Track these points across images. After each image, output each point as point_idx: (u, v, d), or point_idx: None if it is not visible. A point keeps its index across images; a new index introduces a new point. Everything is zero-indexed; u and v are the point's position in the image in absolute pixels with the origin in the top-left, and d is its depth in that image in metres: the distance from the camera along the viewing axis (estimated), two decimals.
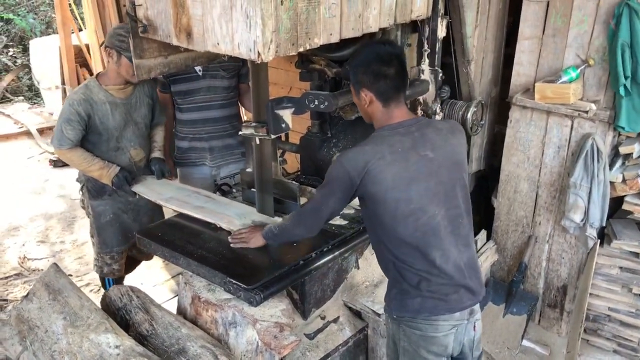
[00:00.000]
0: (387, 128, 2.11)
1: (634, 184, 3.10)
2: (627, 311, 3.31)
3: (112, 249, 3.34)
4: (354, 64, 2.13)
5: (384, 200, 2.02)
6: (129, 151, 3.18)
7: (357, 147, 2.12)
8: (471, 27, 3.14)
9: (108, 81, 3.06)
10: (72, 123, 2.97)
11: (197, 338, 2.37)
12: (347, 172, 2.03)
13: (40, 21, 10.23)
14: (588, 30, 3.05)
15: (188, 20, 2.10)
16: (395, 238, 2.07)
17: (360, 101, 2.15)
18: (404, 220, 2.03)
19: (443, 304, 2.09)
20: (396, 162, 2.02)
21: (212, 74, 3.37)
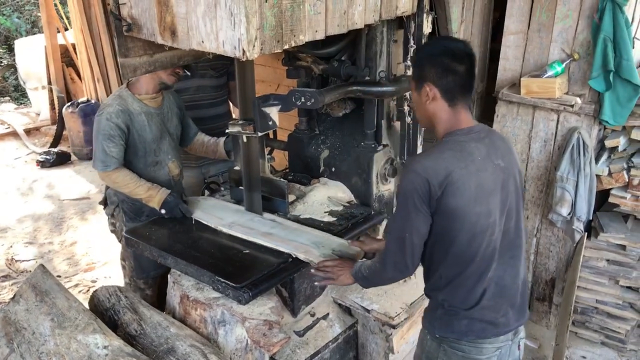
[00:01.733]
0: (459, 133, 1.91)
1: (619, 177, 3.13)
2: (614, 303, 3.34)
3: (148, 274, 3.07)
4: (421, 55, 1.98)
5: (464, 215, 1.83)
6: (167, 165, 2.96)
7: (431, 153, 1.92)
8: (457, 23, 3.15)
9: (141, 89, 2.84)
10: (114, 139, 2.72)
11: (186, 337, 2.36)
12: (426, 182, 1.81)
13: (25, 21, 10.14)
14: (572, 25, 3.07)
15: (172, 19, 2.09)
16: (463, 255, 1.89)
17: (421, 97, 1.95)
18: (481, 235, 1.87)
19: (491, 328, 1.97)
20: (478, 172, 1.85)
21: (201, 73, 3.35)
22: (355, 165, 2.96)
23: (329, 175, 3.09)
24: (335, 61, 2.82)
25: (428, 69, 1.91)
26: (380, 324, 2.63)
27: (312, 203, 2.92)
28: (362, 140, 2.95)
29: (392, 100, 2.98)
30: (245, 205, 2.83)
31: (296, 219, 2.79)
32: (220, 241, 2.64)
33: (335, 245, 2.51)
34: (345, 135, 3.06)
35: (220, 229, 2.67)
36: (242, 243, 2.59)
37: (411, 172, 1.86)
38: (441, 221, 1.86)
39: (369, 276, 2.10)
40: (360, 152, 2.93)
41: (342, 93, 2.66)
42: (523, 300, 2.05)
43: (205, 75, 3.36)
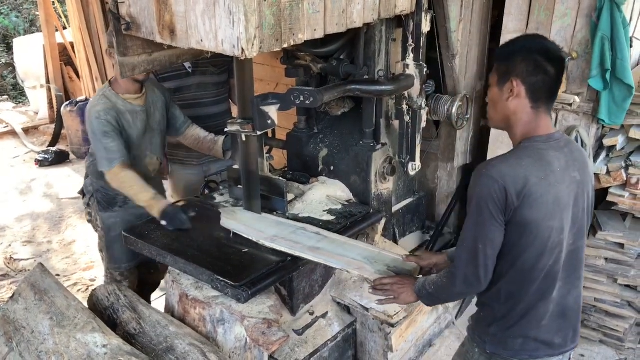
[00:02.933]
0: (539, 139, 1.79)
1: (618, 176, 3.13)
2: (612, 302, 3.35)
3: (121, 265, 3.12)
4: (513, 47, 1.82)
5: (537, 229, 1.72)
6: (145, 160, 3.02)
7: (508, 158, 1.78)
8: (455, 22, 3.15)
9: (121, 88, 2.87)
10: (109, 134, 2.76)
11: (185, 336, 2.37)
12: (504, 189, 1.69)
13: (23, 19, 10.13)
14: (571, 24, 3.07)
15: (171, 18, 2.09)
16: (529, 271, 1.79)
17: (503, 92, 1.81)
18: (552, 252, 1.77)
19: (545, 348, 1.89)
20: (557, 184, 1.73)
21: (202, 70, 3.34)
22: (354, 164, 2.96)
23: (327, 174, 3.09)
24: (334, 60, 2.83)
25: (518, 63, 1.77)
26: (379, 322, 2.64)
27: (311, 202, 2.93)
28: (360, 139, 2.95)
29: (391, 99, 2.99)
30: (244, 204, 2.83)
31: (295, 218, 2.79)
32: (220, 240, 2.65)
33: (388, 260, 2.36)
34: (344, 134, 3.07)
35: (262, 243, 2.53)
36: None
37: (487, 177, 1.72)
38: (512, 233, 1.75)
39: (435, 292, 1.95)
40: (358, 150, 2.93)
41: (340, 92, 2.66)
42: (578, 320, 1.96)
43: (207, 72, 3.35)
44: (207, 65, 3.34)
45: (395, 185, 3.18)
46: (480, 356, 1.97)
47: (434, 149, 3.71)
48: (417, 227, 3.69)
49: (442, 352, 2.99)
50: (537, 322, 1.85)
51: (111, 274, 3.16)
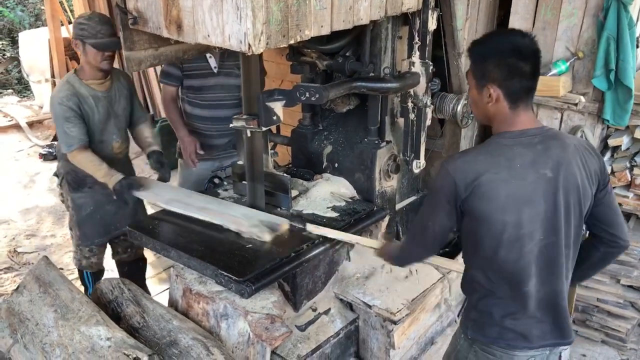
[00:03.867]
0: (509, 135, 1.81)
1: (622, 177, 3.13)
2: (615, 302, 3.35)
3: (92, 242, 3.32)
4: (483, 52, 1.82)
5: (489, 221, 1.78)
6: (112, 144, 3.17)
7: (468, 153, 1.88)
8: (462, 20, 3.15)
9: (86, 75, 3.03)
10: (70, 120, 2.93)
11: (188, 330, 2.37)
12: (454, 182, 1.78)
13: (29, 13, 10.15)
14: (577, 24, 3.06)
15: (178, 12, 2.09)
16: (492, 263, 1.84)
17: (482, 98, 1.84)
18: (510, 245, 1.79)
19: (522, 340, 1.90)
20: (512, 180, 1.75)
21: (226, 71, 3.33)
22: (358, 161, 2.96)
23: (331, 170, 3.09)
24: (340, 57, 2.83)
25: (492, 69, 1.78)
26: (381, 319, 2.64)
27: (315, 198, 2.93)
28: (365, 136, 2.95)
29: (396, 97, 2.99)
30: (248, 200, 2.84)
31: (299, 215, 2.80)
32: (224, 235, 2.65)
33: (263, 217, 2.65)
34: (349, 131, 3.07)
35: (158, 204, 2.90)
36: None
37: (442, 169, 1.83)
38: (469, 222, 1.84)
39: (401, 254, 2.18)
40: (363, 148, 2.93)
41: (346, 89, 2.67)
42: (565, 322, 1.93)
43: (232, 74, 3.34)
44: (233, 67, 3.33)
45: (399, 183, 3.18)
46: (464, 342, 2.03)
47: (438, 147, 3.70)
48: None
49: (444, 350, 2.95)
50: (512, 314, 1.88)
51: (81, 251, 3.37)
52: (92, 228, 3.28)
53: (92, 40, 2.89)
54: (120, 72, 3.27)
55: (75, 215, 3.28)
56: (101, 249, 3.42)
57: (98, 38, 2.90)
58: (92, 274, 3.47)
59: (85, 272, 3.48)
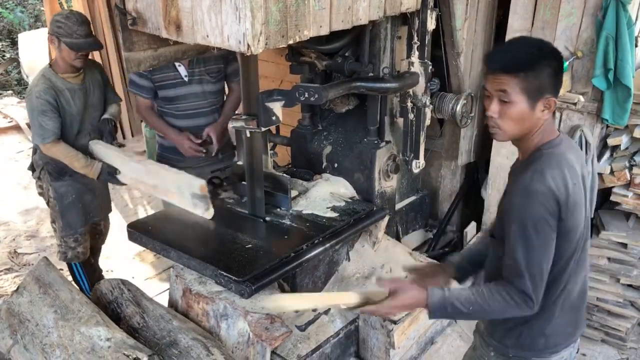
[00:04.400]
0: (556, 143, 1.74)
1: (621, 176, 3.13)
2: (615, 301, 3.34)
3: (76, 231, 3.38)
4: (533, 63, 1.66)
5: (574, 233, 1.72)
6: (90, 134, 3.23)
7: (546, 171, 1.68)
8: (461, 20, 3.15)
9: (60, 69, 3.10)
10: (47, 113, 3.01)
11: (188, 330, 2.38)
12: (556, 201, 1.64)
13: (28, 14, 10.14)
14: (576, 23, 3.06)
15: (177, 13, 2.10)
16: (560, 274, 1.78)
17: (535, 112, 1.69)
18: (577, 252, 1.77)
19: (562, 340, 1.90)
20: (583, 185, 1.73)
21: (198, 79, 3.26)
22: (357, 161, 2.97)
23: (331, 171, 3.10)
24: (339, 57, 2.83)
25: (547, 80, 1.67)
26: (381, 319, 2.64)
27: (315, 199, 2.93)
28: (364, 137, 2.95)
29: (395, 97, 2.99)
30: (248, 201, 2.84)
31: (298, 214, 2.80)
32: (223, 235, 2.66)
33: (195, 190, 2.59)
34: (348, 131, 3.07)
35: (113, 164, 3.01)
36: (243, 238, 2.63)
37: (533, 195, 1.65)
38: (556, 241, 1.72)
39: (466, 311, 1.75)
40: (362, 148, 2.94)
41: (345, 89, 2.67)
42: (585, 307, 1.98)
43: (203, 81, 3.28)
44: (203, 73, 3.27)
45: (399, 183, 3.18)
46: (495, 356, 1.95)
47: (437, 147, 3.71)
48: (420, 225, 3.69)
49: (443, 350, 2.99)
50: (555, 318, 1.85)
51: (65, 242, 3.42)
52: (75, 216, 3.35)
53: (67, 40, 2.95)
54: (92, 63, 3.37)
55: (57, 205, 3.34)
56: (85, 237, 3.47)
57: (73, 38, 2.95)
58: (82, 266, 3.52)
59: (73, 264, 3.52)
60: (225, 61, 3.29)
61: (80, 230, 3.41)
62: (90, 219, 3.45)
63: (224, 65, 3.32)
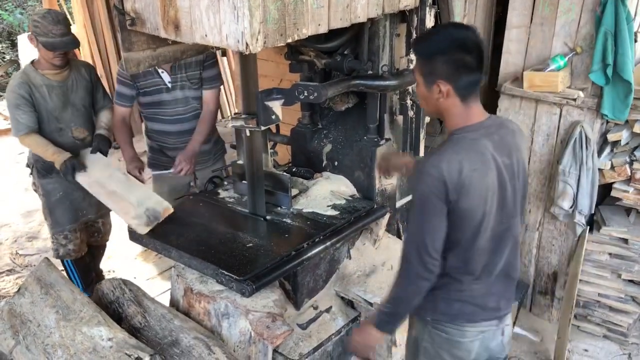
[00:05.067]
0: (471, 129, 1.87)
1: (622, 171, 3.13)
2: (616, 297, 3.35)
3: (64, 228, 3.42)
4: (429, 49, 1.84)
5: (472, 215, 1.84)
6: (71, 131, 3.27)
7: (444, 153, 1.84)
8: (459, 17, 3.15)
9: (42, 65, 3.16)
10: (20, 107, 3.08)
11: (190, 329, 2.38)
12: (444, 184, 1.78)
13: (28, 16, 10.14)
14: (575, 19, 3.06)
15: (176, 13, 2.10)
16: (468, 251, 1.91)
17: (432, 94, 1.86)
18: (484, 232, 1.88)
19: (481, 312, 2.00)
20: (487, 172, 1.84)
21: (180, 85, 3.24)
22: (357, 159, 2.96)
23: (331, 169, 3.09)
24: (338, 55, 2.83)
25: (440, 66, 1.81)
26: None
27: (315, 197, 2.93)
28: (364, 134, 2.95)
29: (395, 94, 2.99)
30: (249, 200, 2.85)
31: (299, 213, 2.80)
32: (224, 235, 2.66)
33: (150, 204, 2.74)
34: (348, 129, 3.07)
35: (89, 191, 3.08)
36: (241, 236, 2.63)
37: (426, 175, 1.81)
38: (451, 220, 1.85)
39: (393, 308, 1.98)
40: (362, 146, 2.94)
41: (344, 87, 2.67)
42: (514, 287, 2.10)
43: (185, 87, 3.26)
44: (185, 79, 3.24)
45: (399, 180, 3.18)
46: (418, 324, 2.10)
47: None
48: None
49: None
50: (471, 290, 1.97)
51: (56, 239, 3.48)
52: (63, 213, 3.40)
53: (43, 39, 2.99)
54: (82, 64, 3.43)
55: (46, 202, 3.40)
56: (75, 235, 3.49)
57: (49, 37, 2.99)
58: (74, 263, 3.56)
59: (66, 261, 3.57)
60: (201, 67, 3.24)
61: (69, 228, 3.44)
62: (81, 217, 3.48)
63: (200, 71, 3.25)
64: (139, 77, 3.20)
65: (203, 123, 3.33)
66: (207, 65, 3.25)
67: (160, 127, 3.39)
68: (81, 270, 3.63)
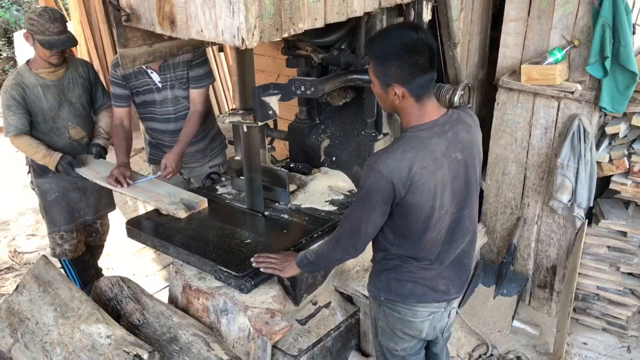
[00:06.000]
0: (424, 128, 1.93)
1: (620, 164, 3.13)
2: (615, 290, 3.35)
3: (59, 228, 3.42)
4: (382, 54, 1.89)
5: (421, 210, 1.93)
6: (68, 130, 3.26)
7: (395, 152, 1.91)
8: (457, 10, 3.13)
9: (37, 65, 3.14)
10: (11, 108, 3.08)
11: (188, 326, 2.38)
12: (391, 183, 1.87)
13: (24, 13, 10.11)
14: (573, 11, 3.05)
15: (171, 8, 2.08)
16: (418, 243, 2.03)
17: (388, 95, 1.94)
18: (435, 225, 1.99)
19: (432, 293, 2.13)
20: (437, 170, 1.91)
21: (170, 84, 3.20)
22: (355, 154, 2.96)
23: (329, 164, 3.09)
24: (335, 50, 2.82)
25: (394, 71, 1.88)
26: None
27: (313, 192, 2.93)
28: (362, 129, 2.95)
29: None
30: (246, 196, 2.84)
31: (297, 209, 2.80)
32: (222, 231, 2.65)
33: (185, 195, 2.90)
34: (346, 124, 3.06)
35: (95, 182, 3.12)
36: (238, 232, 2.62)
37: (374, 171, 1.88)
38: (399, 213, 1.96)
39: (316, 259, 2.18)
40: (360, 141, 2.93)
41: (342, 82, 2.66)
42: (467, 273, 2.22)
43: (174, 86, 3.22)
44: (174, 79, 3.19)
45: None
46: (374, 304, 2.27)
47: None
48: None
49: None
50: (423, 273, 2.10)
51: (53, 238, 3.48)
52: (59, 214, 3.39)
53: (40, 37, 2.97)
54: (79, 61, 3.38)
55: (42, 201, 3.40)
56: (71, 235, 3.48)
57: (46, 35, 2.97)
58: (71, 263, 3.56)
59: (62, 260, 3.57)
60: (187, 66, 3.17)
61: (65, 228, 3.43)
62: (78, 218, 3.47)
63: (187, 71, 3.19)
64: (131, 78, 3.17)
65: (189, 123, 3.22)
66: (193, 65, 3.16)
67: (154, 126, 3.37)
68: (79, 269, 3.63)
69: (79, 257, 3.58)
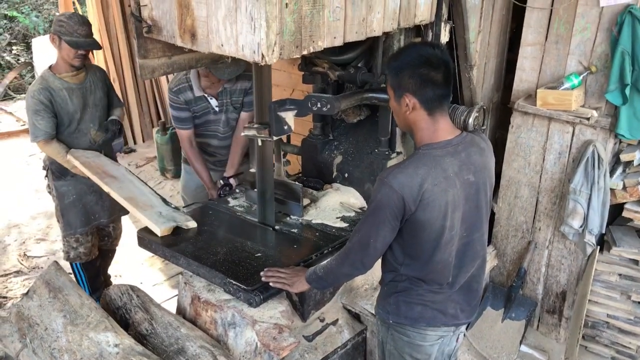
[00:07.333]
0: (437, 147, 1.96)
1: (634, 191, 3.11)
2: (625, 318, 3.31)
3: (75, 231, 3.47)
4: (398, 65, 1.96)
5: (431, 227, 1.93)
6: (90, 132, 3.37)
7: (407, 167, 1.93)
8: (474, 33, 3.15)
9: (60, 69, 3.24)
10: (40, 113, 3.14)
11: (196, 338, 2.38)
12: (402, 198, 1.87)
13: (43, 19, 10.24)
14: (591, 38, 3.06)
15: (192, 22, 2.11)
16: (428, 263, 2.02)
17: (401, 107, 1.98)
18: (445, 246, 1.98)
19: (441, 317, 2.12)
20: (449, 189, 1.92)
21: (225, 109, 3.42)
22: (368, 171, 2.96)
23: (341, 181, 3.09)
24: (352, 67, 2.84)
25: (407, 80, 1.93)
26: None
27: (325, 208, 2.93)
28: (375, 147, 2.95)
29: None
30: (258, 208, 2.85)
31: (308, 224, 2.80)
32: (233, 244, 2.66)
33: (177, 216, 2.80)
34: (359, 141, 3.07)
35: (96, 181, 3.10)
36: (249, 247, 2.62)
37: (386, 186, 1.89)
38: (409, 230, 1.96)
39: (325, 275, 2.18)
40: (373, 158, 2.93)
41: (357, 99, 2.67)
42: (476, 298, 2.21)
43: (228, 110, 3.43)
44: (229, 104, 3.41)
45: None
46: (382, 327, 2.26)
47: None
48: None
49: None
50: (432, 296, 2.09)
51: (67, 242, 3.51)
52: (75, 216, 3.44)
53: (68, 38, 3.08)
54: (96, 67, 3.53)
55: (59, 204, 3.44)
56: (87, 239, 3.53)
57: (74, 37, 3.09)
58: (82, 267, 3.59)
59: (74, 265, 3.59)
60: (244, 94, 3.40)
61: (81, 231, 3.48)
62: (94, 221, 3.53)
63: (242, 98, 3.42)
64: (192, 104, 3.35)
65: (237, 144, 3.48)
66: (249, 92, 3.36)
67: (208, 142, 3.57)
68: (90, 275, 3.65)
69: (91, 261, 3.61)
